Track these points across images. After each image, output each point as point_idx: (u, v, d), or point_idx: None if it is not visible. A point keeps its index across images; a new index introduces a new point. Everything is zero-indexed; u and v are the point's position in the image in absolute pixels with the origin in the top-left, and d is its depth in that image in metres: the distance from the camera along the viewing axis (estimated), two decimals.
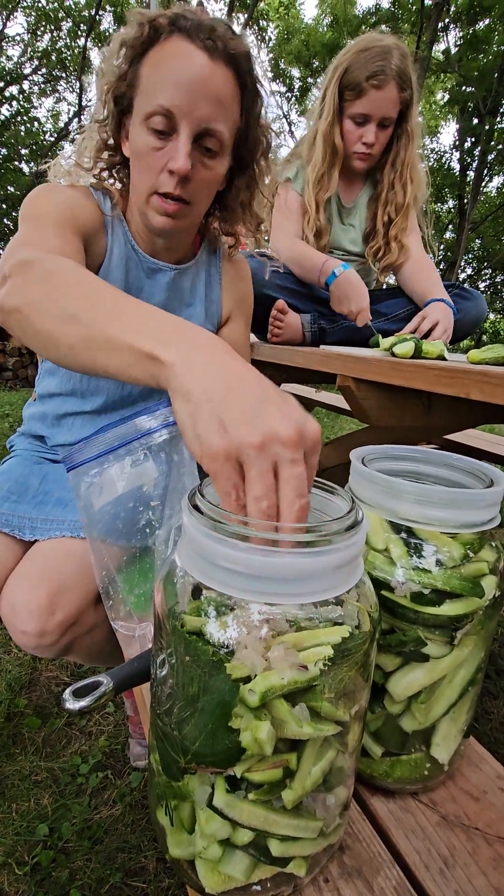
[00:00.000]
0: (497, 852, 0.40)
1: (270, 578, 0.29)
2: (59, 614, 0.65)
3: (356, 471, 0.44)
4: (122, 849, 0.82)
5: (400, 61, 1.12)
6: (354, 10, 13.52)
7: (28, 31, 12.22)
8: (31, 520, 0.75)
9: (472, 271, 16.25)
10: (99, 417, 0.80)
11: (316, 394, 2.38)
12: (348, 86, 1.15)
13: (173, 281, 0.80)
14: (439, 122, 15.07)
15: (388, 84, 1.12)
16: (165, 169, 0.65)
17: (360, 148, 1.20)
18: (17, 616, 0.65)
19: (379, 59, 1.11)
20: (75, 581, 0.67)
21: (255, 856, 0.33)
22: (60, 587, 0.66)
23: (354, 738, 0.35)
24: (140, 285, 0.78)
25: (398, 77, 1.12)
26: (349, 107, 1.17)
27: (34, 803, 0.88)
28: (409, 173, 1.24)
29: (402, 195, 1.25)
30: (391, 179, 1.25)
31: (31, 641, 0.65)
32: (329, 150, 1.21)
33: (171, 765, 0.33)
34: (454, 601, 0.39)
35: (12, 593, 0.67)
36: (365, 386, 0.85)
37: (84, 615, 0.69)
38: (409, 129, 1.21)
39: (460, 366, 0.69)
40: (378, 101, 1.14)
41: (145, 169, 0.67)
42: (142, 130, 0.65)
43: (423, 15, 10.74)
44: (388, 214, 1.28)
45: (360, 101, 1.15)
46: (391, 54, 1.11)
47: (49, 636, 0.65)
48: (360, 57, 1.13)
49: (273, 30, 14.99)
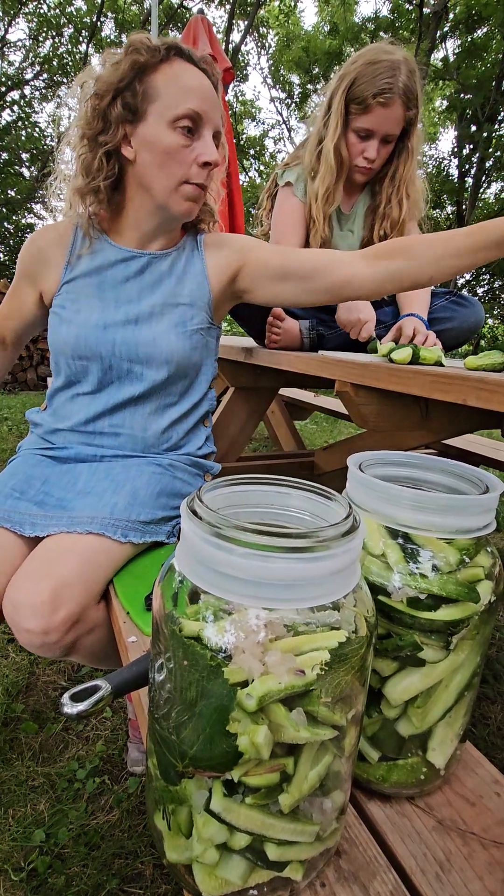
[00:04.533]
0: (492, 857, 0.40)
1: (268, 583, 0.30)
2: (62, 611, 0.65)
3: (354, 476, 0.44)
4: (119, 854, 0.81)
5: (407, 78, 1.11)
6: (354, 17, 13.64)
7: (30, 37, 12.30)
8: (32, 516, 0.76)
9: (471, 277, 16.32)
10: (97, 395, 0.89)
11: (315, 398, 2.39)
12: (354, 99, 1.15)
13: (148, 265, 0.88)
14: (438, 129, 15.18)
15: (394, 103, 1.12)
16: (196, 162, 0.79)
17: (362, 162, 1.21)
18: (20, 614, 0.65)
19: (387, 76, 1.10)
20: (77, 577, 0.68)
21: (252, 860, 0.33)
22: (62, 584, 0.66)
23: (351, 743, 0.35)
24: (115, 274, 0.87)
25: (404, 95, 1.12)
26: (354, 120, 1.17)
27: (31, 809, 0.88)
28: (405, 189, 1.25)
29: (398, 211, 1.26)
30: (389, 194, 1.26)
31: (35, 640, 0.65)
32: (337, 165, 1.21)
33: (168, 769, 0.33)
34: (450, 606, 0.39)
35: (15, 592, 0.67)
36: (363, 391, 0.86)
37: (87, 612, 0.69)
38: (410, 145, 1.21)
39: (458, 372, 0.69)
40: (383, 119, 1.14)
41: (174, 163, 0.78)
42: (167, 131, 0.77)
43: (421, 23, 10.84)
44: (384, 230, 1.28)
45: (365, 116, 1.15)
46: (399, 70, 1.10)
47: (53, 633, 0.65)
48: (369, 70, 1.12)
49: (273, 37, 15.12)
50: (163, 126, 0.76)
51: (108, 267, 0.87)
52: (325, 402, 2.31)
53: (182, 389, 0.91)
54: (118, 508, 0.77)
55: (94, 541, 0.72)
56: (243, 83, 15.71)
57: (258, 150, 16.16)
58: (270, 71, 15.63)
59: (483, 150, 12.10)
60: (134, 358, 0.84)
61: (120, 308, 0.85)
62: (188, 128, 0.77)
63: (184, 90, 0.76)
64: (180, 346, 0.85)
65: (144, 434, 0.89)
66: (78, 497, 0.79)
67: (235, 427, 1.48)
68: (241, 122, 16.04)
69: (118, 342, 0.83)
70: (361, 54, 1.16)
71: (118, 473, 0.83)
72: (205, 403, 0.97)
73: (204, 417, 0.98)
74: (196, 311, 0.88)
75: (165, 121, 0.76)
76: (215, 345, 0.96)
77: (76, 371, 0.87)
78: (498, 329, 16.34)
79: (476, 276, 16.19)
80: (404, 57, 1.13)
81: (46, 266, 0.88)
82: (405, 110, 1.14)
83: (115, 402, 0.87)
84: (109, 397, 0.87)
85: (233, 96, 15.32)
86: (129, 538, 0.74)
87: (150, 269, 0.88)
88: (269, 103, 23.19)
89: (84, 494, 0.80)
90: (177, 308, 0.86)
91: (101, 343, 0.83)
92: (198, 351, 0.88)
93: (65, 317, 0.86)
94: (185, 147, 0.77)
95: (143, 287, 0.87)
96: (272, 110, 24.50)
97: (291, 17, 14.72)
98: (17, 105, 12.17)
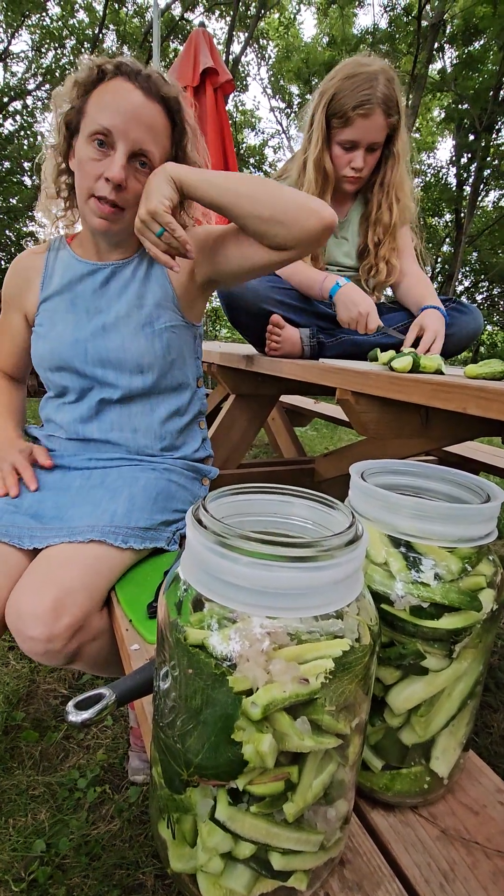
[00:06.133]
0: (496, 866, 0.40)
1: (272, 592, 0.30)
2: (65, 618, 0.66)
3: (356, 486, 0.45)
4: (121, 865, 0.81)
5: (386, 87, 1.14)
6: (353, 29, 13.83)
7: (32, 49, 12.46)
8: (31, 529, 0.76)
9: (470, 284, 16.41)
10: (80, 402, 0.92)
11: (315, 405, 2.39)
12: (335, 114, 1.18)
13: (112, 275, 0.90)
14: (436, 139, 15.34)
15: (374, 112, 1.15)
16: (102, 177, 0.79)
17: (350, 172, 1.24)
18: (23, 623, 0.65)
19: (365, 88, 1.13)
20: (80, 585, 0.68)
21: (257, 869, 0.33)
22: (65, 591, 0.67)
23: (355, 752, 0.35)
24: (83, 287, 0.91)
25: (384, 104, 1.15)
26: (337, 134, 1.20)
27: (31, 818, 0.88)
28: (395, 193, 1.28)
29: (389, 215, 1.29)
30: (379, 199, 1.29)
31: (39, 647, 0.65)
32: (321, 177, 1.24)
33: (173, 778, 0.34)
34: (452, 615, 0.39)
35: (18, 601, 0.67)
36: (364, 399, 0.86)
37: (90, 620, 0.69)
38: (395, 150, 1.24)
39: (458, 381, 0.70)
40: (365, 129, 1.17)
41: (85, 176, 0.80)
42: (85, 145, 0.80)
43: (419, 35, 10.99)
44: (378, 235, 1.31)
45: (347, 128, 1.18)
46: (377, 80, 1.13)
47: (57, 641, 0.65)
48: (347, 84, 1.15)
49: (273, 48, 15.31)
50: (83, 140, 0.80)
51: (77, 281, 0.90)
52: (326, 408, 2.32)
53: (164, 389, 0.92)
54: (117, 515, 0.77)
55: (96, 549, 0.72)
56: (243, 93, 15.90)
57: (258, 158, 16.32)
58: (270, 81, 15.82)
59: (481, 159, 12.22)
60: (106, 364, 0.87)
61: (91, 320, 0.89)
62: (100, 142, 0.78)
63: (101, 106, 0.78)
64: (149, 347, 0.87)
65: (134, 434, 0.90)
66: (74, 506, 0.80)
67: (236, 434, 1.48)
68: (242, 132, 16.21)
69: (89, 351, 0.87)
70: (339, 69, 1.19)
71: (113, 480, 0.84)
72: (195, 403, 0.98)
73: (197, 418, 0.99)
74: (162, 311, 0.89)
75: (85, 136, 0.80)
76: (194, 344, 0.96)
77: (56, 383, 0.91)
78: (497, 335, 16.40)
79: (475, 283, 16.28)
80: (381, 67, 1.15)
81: (27, 289, 0.93)
82: (386, 118, 1.17)
83: (99, 408, 0.90)
84: (91, 403, 0.90)
85: (233, 106, 15.49)
86: (129, 544, 0.75)
87: (114, 278, 0.90)
88: (268, 113, 23.47)
89: (80, 503, 0.81)
90: (142, 310, 0.88)
91: (74, 354, 0.87)
92: (172, 349, 0.90)
93: (41, 333, 0.91)
94: (93, 160, 0.79)
95: (111, 296, 0.90)
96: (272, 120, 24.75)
97: (291, 29, 14.91)
98: (19, 115, 12.30)
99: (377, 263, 1.33)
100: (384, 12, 13.12)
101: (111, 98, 0.78)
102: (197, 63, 2.73)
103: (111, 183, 0.78)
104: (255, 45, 14.86)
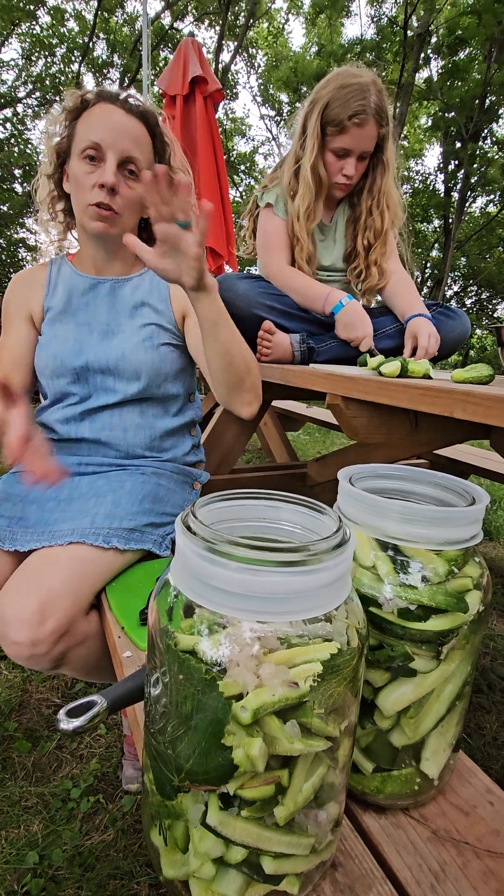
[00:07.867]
0: (486, 866, 0.40)
1: (261, 597, 0.31)
2: (50, 622, 0.66)
3: (344, 490, 0.45)
4: (114, 875, 0.80)
5: (377, 98, 1.19)
6: (340, 39, 14.01)
7: (23, 57, 12.47)
8: (12, 532, 0.77)
9: (459, 288, 16.59)
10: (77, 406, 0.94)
11: (307, 409, 2.41)
12: (330, 122, 1.21)
13: (112, 290, 0.96)
14: (424, 146, 15.54)
15: (368, 122, 1.20)
16: (97, 185, 0.85)
17: (341, 179, 1.28)
18: (8, 627, 0.66)
19: (359, 98, 1.17)
20: (65, 589, 0.68)
21: (249, 874, 0.33)
22: (50, 595, 0.67)
23: (345, 754, 0.36)
24: (85, 299, 0.96)
25: (377, 115, 1.20)
26: (331, 141, 1.24)
27: (24, 830, 0.87)
28: (385, 200, 1.32)
29: (380, 221, 1.33)
30: (369, 206, 1.33)
31: (24, 651, 0.65)
32: (316, 184, 1.27)
33: (164, 784, 0.34)
34: (440, 616, 0.40)
35: (3, 605, 0.68)
36: (353, 404, 0.87)
37: (76, 624, 0.69)
38: (384, 158, 1.29)
39: (445, 385, 0.71)
40: (359, 138, 1.22)
41: (80, 189, 0.87)
42: (78, 163, 0.87)
43: (406, 45, 11.16)
44: (368, 239, 1.35)
45: (341, 136, 1.22)
46: (370, 91, 1.18)
47: (42, 645, 0.65)
48: (340, 94, 1.19)
49: (262, 57, 15.47)
50: (76, 160, 0.87)
51: (79, 295, 0.96)
52: (317, 413, 2.33)
53: (158, 397, 0.94)
54: (98, 517, 0.78)
55: (79, 551, 0.73)
56: (233, 101, 16.01)
57: (248, 165, 16.44)
58: (260, 90, 15.97)
59: (468, 166, 12.41)
60: (106, 371, 0.91)
61: (93, 330, 0.92)
62: (91, 157, 0.85)
63: (89, 126, 0.86)
64: (148, 359, 0.91)
65: (125, 434, 0.92)
66: (58, 510, 0.82)
67: (228, 439, 1.49)
68: (232, 139, 16.33)
69: (91, 359, 0.90)
70: (330, 79, 1.23)
71: (101, 486, 0.85)
72: (188, 411, 1.00)
73: (189, 425, 1.01)
74: (162, 331, 0.94)
75: (76, 155, 0.87)
76: (188, 360, 1.00)
77: (57, 389, 0.93)
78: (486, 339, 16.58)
79: (464, 287, 16.47)
80: (372, 79, 1.20)
81: (32, 295, 0.97)
82: (378, 128, 1.22)
83: (95, 411, 0.92)
84: (89, 407, 0.92)
85: (223, 114, 15.60)
86: (112, 544, 0.75)
87: (114, 292, 0.96)
88: (258, 120, 23.65)
89: (65, 508, 0.82)
90: (144, 327, 0.93)
91: (76, 361, 0.90)
92: (167, 363, 0.94)
93: (44, 342, 0.94)
94: (87, 174, 0.86)
95: (111, 309, 0.95)
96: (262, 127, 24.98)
97: (280, 39, 15.09)
98: (9, 122, 12.30)
99: (368, 268, 1.36)
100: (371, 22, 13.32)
101: (97, 118, 0.86)
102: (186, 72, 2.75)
103: (105, 188, 0.85)
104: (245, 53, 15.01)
